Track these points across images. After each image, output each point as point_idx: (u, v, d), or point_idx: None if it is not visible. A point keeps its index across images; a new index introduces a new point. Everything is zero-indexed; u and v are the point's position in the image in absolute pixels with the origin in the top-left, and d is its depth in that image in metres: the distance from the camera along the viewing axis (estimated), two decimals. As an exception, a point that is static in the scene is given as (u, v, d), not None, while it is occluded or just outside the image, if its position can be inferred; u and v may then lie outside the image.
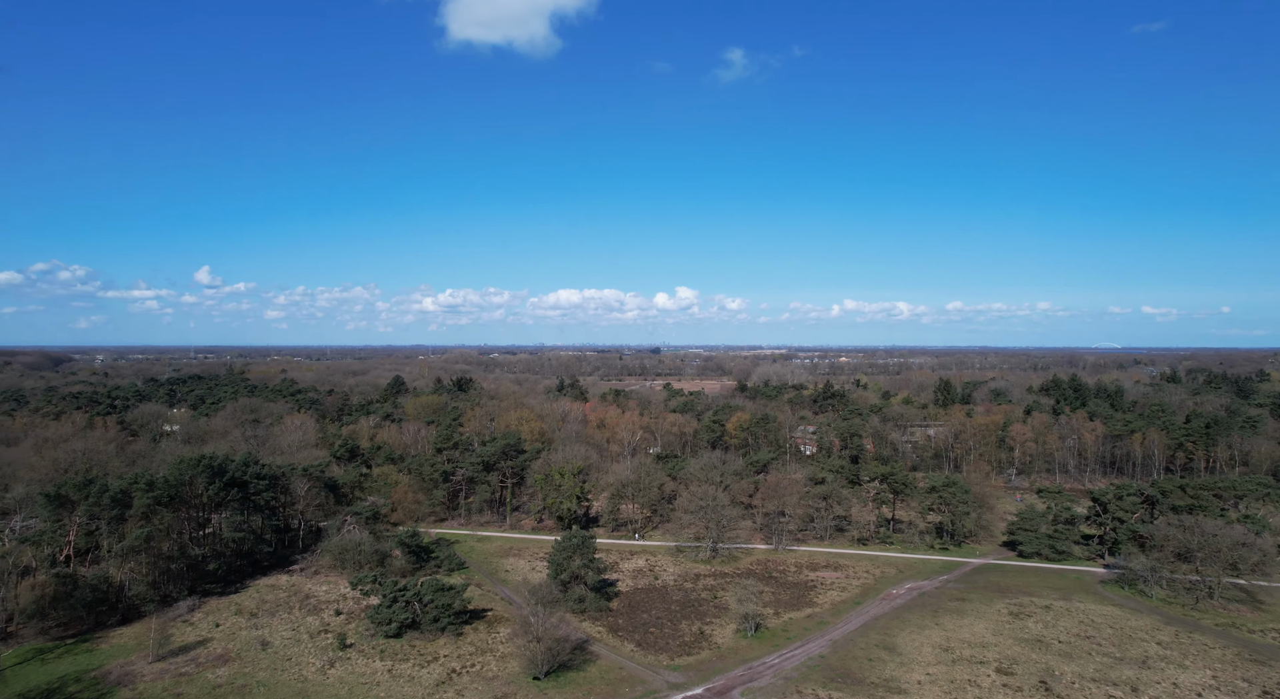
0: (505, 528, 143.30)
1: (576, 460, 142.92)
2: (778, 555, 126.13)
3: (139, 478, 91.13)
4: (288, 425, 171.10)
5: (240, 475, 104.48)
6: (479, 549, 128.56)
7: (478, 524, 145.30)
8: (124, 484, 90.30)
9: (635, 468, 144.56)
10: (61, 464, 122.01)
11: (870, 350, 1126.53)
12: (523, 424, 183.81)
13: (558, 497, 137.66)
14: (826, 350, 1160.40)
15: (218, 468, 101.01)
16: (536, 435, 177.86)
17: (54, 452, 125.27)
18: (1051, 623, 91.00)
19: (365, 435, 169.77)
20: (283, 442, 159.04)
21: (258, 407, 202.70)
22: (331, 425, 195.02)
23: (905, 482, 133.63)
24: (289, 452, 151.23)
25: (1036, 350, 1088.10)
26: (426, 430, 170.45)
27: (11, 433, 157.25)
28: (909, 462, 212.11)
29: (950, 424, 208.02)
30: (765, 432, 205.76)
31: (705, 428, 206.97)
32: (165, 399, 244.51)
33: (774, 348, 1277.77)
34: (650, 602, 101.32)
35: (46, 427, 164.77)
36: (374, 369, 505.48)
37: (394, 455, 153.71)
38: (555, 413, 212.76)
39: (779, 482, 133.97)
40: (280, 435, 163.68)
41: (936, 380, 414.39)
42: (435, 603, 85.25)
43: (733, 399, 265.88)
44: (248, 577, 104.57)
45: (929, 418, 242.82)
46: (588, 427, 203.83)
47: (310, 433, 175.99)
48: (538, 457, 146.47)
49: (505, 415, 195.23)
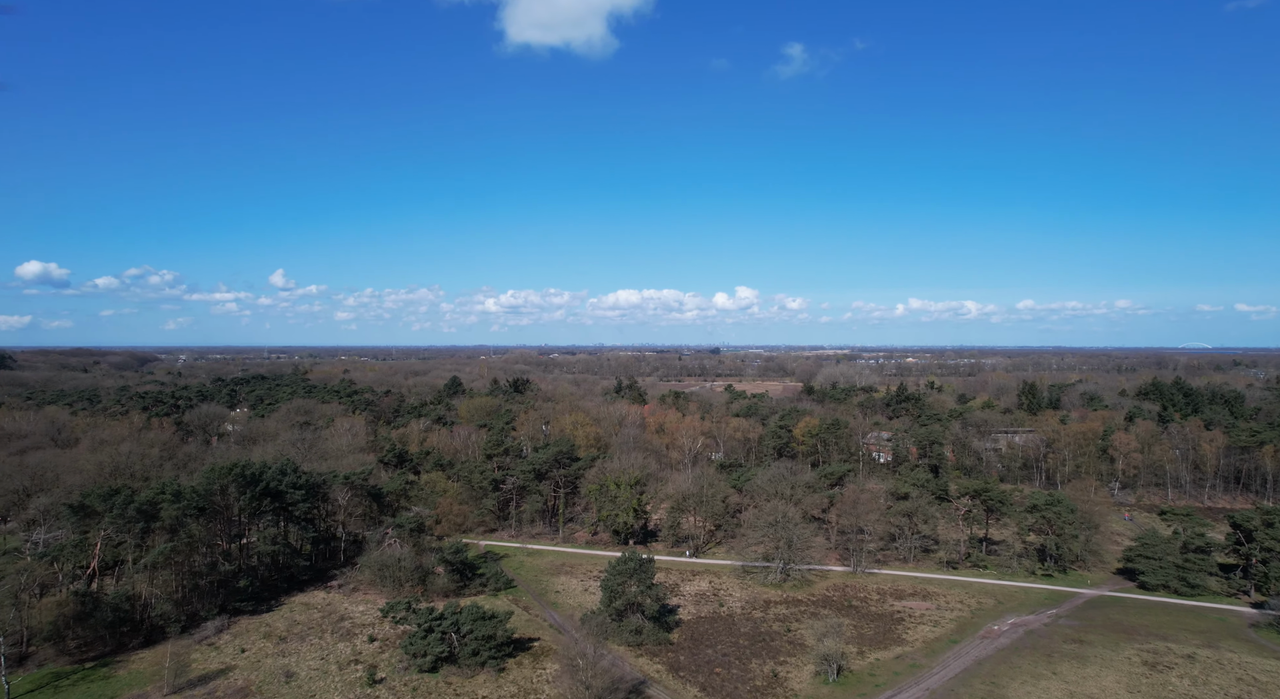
0: (557, 541, 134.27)
1: (634, 470, 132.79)
2: (856, 579, 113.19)
3: (166, 487, 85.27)
4: (338, 428, 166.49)
5: (276, 485, 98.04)
6: (528, 565, 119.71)
7: (528, 536, 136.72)
8: (151, 494, 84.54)
9: (697, 478, 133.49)
10: (106, 468, 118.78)
11: (937, 350, 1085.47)
12: (577, 429, 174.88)
13: (613, 509, 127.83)
14: (891, 351, 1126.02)
15: (251, 477, 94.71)
16: (592, 441, 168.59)
17: (98, 455, 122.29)
18: (1201, 679, 75.69)
19: (415, 439, 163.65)
20: (331, 445, 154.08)
21: (311, 408, 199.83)
22: (384, 428, 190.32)
23: (1001, 498, 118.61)
24: (336, 456, 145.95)
25: (1117, 350, 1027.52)
26: (477, 435, 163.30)
27: (72, 434, 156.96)
28: (994, 472, 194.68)
29: (1041, 431, 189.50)
30: (836, 438, 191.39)
31: (771, 433, 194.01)
32: (226, 400, 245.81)
33: (836, 348, 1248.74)
34: (715, 634, 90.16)
35: (105, 427, 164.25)
36: (435, 369, 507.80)
37: (443, 461, 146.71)
38: (612, 416, 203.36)
39: (857, 497, 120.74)
40: (329, 438, 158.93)
41: (1018, 383, 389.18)
42: (475, 634, 76.18)
43: (799, 403, 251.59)
44: (282, 593, 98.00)
45: (1015, 424, 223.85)
46: (646, 431, 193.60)
47: (360, 436, 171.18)
48: (592, 465, 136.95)
49: (560, 419, 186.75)
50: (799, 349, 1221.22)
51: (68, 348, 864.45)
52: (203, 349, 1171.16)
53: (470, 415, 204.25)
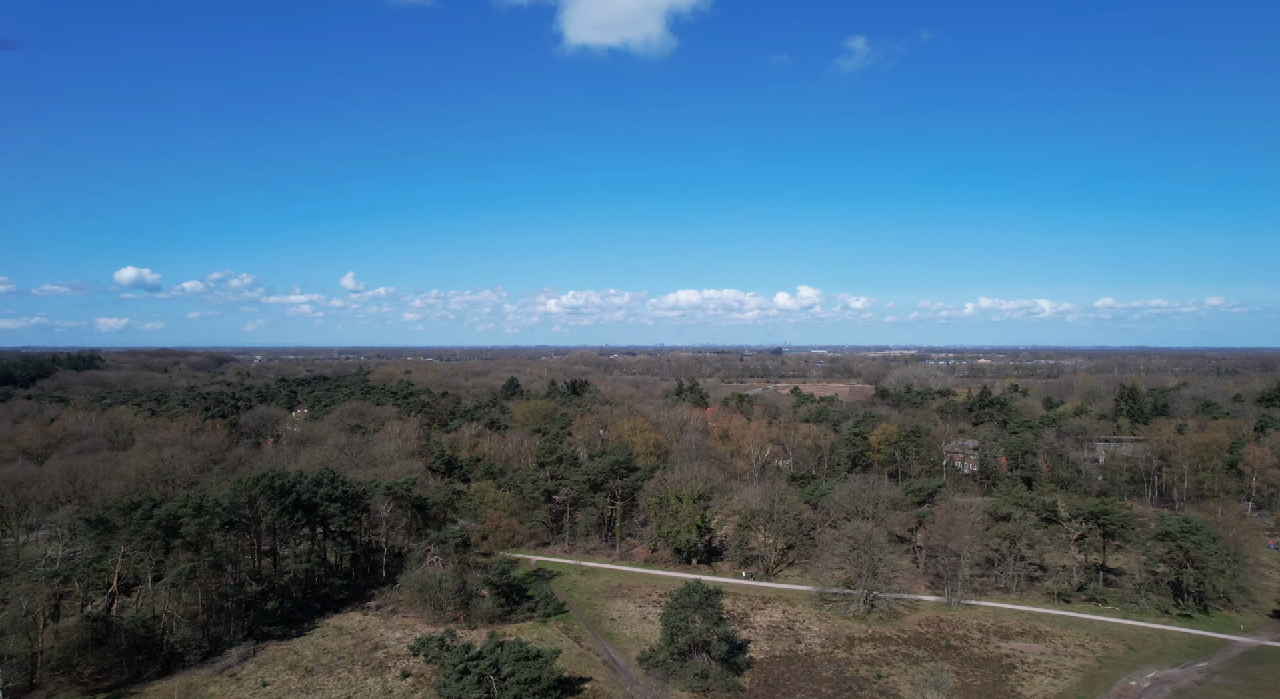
0: (614, 557, 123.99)
1: (697, 482, 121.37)
2: (952, 612, 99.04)
3: (189, 500, 78.57)
4: (388, 431, 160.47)
5: (309, 497, 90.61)
6: (582, 586, 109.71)
7: (583, 551, 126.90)
8: (173, 507, 77.93)
9: (766, 492, 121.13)
10: (148, 473, 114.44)
11: (1010, 351, 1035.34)
12: (636, 435, 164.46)
13: (675, 525, 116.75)
14: (961, 351, 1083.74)
15: (282, 488, 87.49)
16: (651, 448, 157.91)
17: (141, 460, 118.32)
18: None
19: (466, 445, 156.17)
20: (380, 450, 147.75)
21: (365, 410, 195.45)
22: (436, 432, 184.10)
23: (1124, 522, 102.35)
24: (384, 461, 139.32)
25: (1211, 351, 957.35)
26: (530, 440, 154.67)
27: (130, 436, 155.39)
28: (1095, 486, 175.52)
29: (1153, 441, 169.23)
30: (916, 447, 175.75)
31: (844, 441, 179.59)
32: (285, 401, 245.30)
33: (902, 348, 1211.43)
34: (793, 679, 78.04)
35: (161, 429, 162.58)
36: (495, 370, 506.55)
37: (493, 469, 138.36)
38: (673, 421, 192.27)
39: (951, 517, 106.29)
40: (378, 442, 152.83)
41: (1110, 386, 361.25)
42: (517, 677, 66.25)
43: (874, 407, 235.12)
44: (316, 614, 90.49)
45: (1117, 432, 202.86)
46: (709, 437, 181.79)
47: (411, 440, 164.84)
48: (652, 475, 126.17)
49: (617, 424, 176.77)
50: (863, 350, 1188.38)
51: (154, 348, 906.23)
52: (277, 349, 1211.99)
53: (525, 419, 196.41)
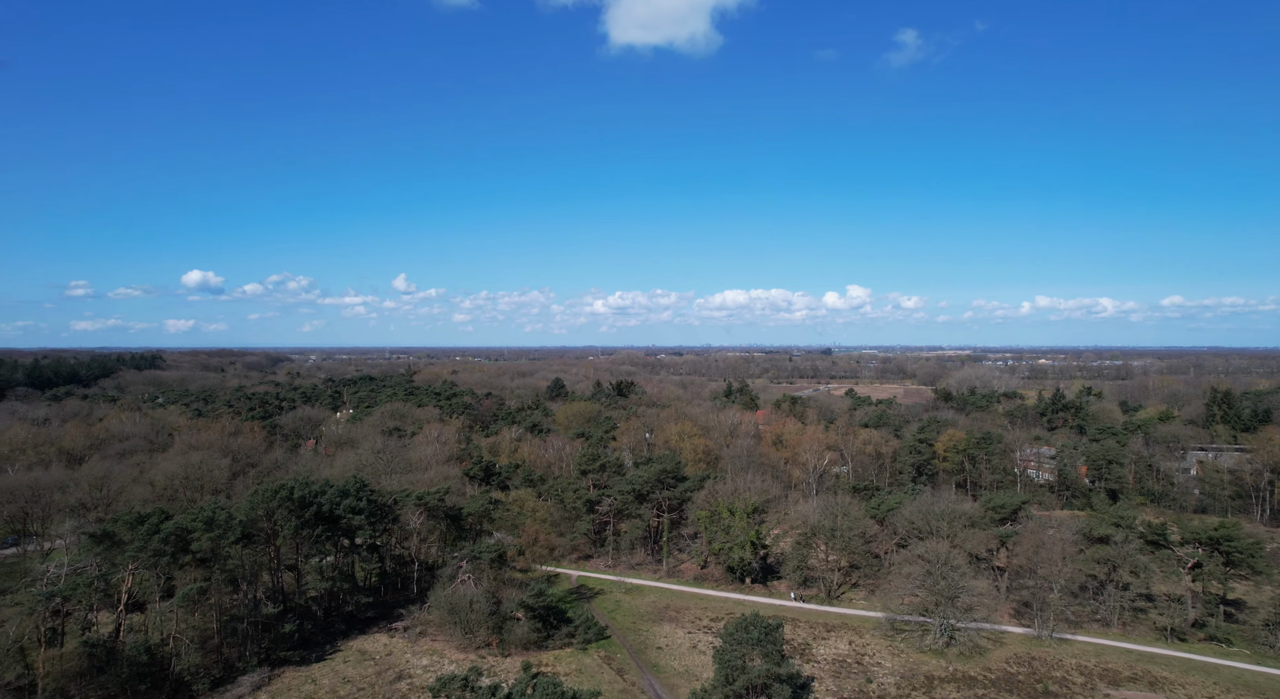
0: (661, 574, 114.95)
1: (750, 494, 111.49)
2: (1044, 648, 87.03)
3: (201, 513, 72.53)
4: (426, 435, 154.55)
5: (332, 509, 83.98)
6: (626, 606, 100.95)
7: (627, 566, 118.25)
8: (184, 520, 71.96)
9: (827, 506, 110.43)
10: (176, 478, 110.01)
11: (1071, 351, 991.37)
12: (684, 440, 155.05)
13: (727, 541, 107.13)
14: (1019, 351, 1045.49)
15: (302, 499, 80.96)
16: (701, 454, 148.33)
17: (169, 464, 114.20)
18: None
19: (506, 450, 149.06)
20: (417, 454, 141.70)
21: (405, 412, 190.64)
22: (476, 435, 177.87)
23: (1253, 550, 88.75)
24: (421, 467, 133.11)
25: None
26: (572, 446, 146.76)
27: (163, 440, 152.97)
28: (1191, 501, 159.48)
29: (1263, 453, 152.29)
30: (988, 455, 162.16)
31: (908, 448, 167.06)
32: (329, 402, 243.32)
33: (956, 348, 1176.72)
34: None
35: (201, 431, 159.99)
36: (541, 370, 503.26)
37: (532, 476, 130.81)
38: (722, 425, 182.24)
39: (1039, 538, 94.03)
40: (416, 446, 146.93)
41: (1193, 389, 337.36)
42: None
43: (937, 411, 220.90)
44: (339, 635, 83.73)
45: (1214, 440, 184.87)
46: (762, 443, 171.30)
47: (451, 444, 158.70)
48: (702, 486, 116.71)
49: (664, 428, 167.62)
50: (915, 350, 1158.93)
51: (214, 348, 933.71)
52: (332, 350, 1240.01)
53: (568, 422, 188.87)
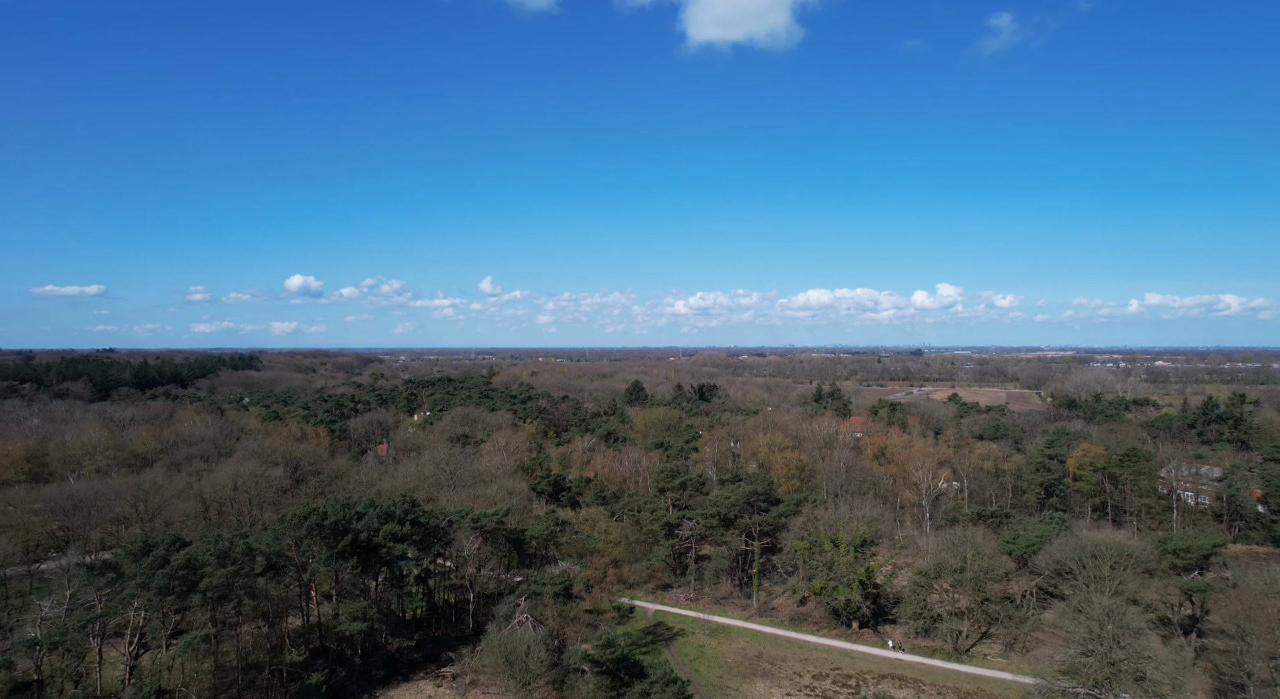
0: (751, 611, 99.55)
1: (859, 522, 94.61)
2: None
3: (218, 542, 62.68)
4: (493, 443, 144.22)
5: (370, 537, 73.01)
6: (711, 653, 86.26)
7: (712, 600, 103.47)
8: (198, 551, 62.23)
9: (952, 541, 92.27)
10: (224, 490, 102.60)
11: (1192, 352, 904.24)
12: (774, 453, 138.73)
13: (830, 578, 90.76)
14: (1129, 352, 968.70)
15: (335, 526, 70.22)
16: (794, 469, 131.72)
17: (215, 476, 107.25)
18: None
19: (578, 461, 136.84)
20: (484, 464, 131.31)
21: (476, 417, 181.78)
22: (549, 443, 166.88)
23: None
24: (486, 479, 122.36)
25: None
26: (650, 458, 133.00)
27: (228, 445, 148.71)
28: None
29: None
30: (1134, 475, 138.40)
31: (1035, 465, 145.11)
32: (405, 404, 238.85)
33: (1056, 349, 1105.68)
34: None
35: (267, 435, 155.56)
36: (621, 372, 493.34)
37: (605, 493, 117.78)
38: (816, 436, 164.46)
39: (1259, 601, 73.12)
40: (482, 456, 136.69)
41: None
42: None
43: (1061, 421, 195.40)
44: (377, 684, 72.64)
45: None
46: (862, 456, 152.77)
47: (522, 452, 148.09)
48: (798, 511, 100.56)
49: (752, 438, 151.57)
50: (1012, 351, 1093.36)
51: (310, 349, 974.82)
52: (421, 350, 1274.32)
53: (645, 429, 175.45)
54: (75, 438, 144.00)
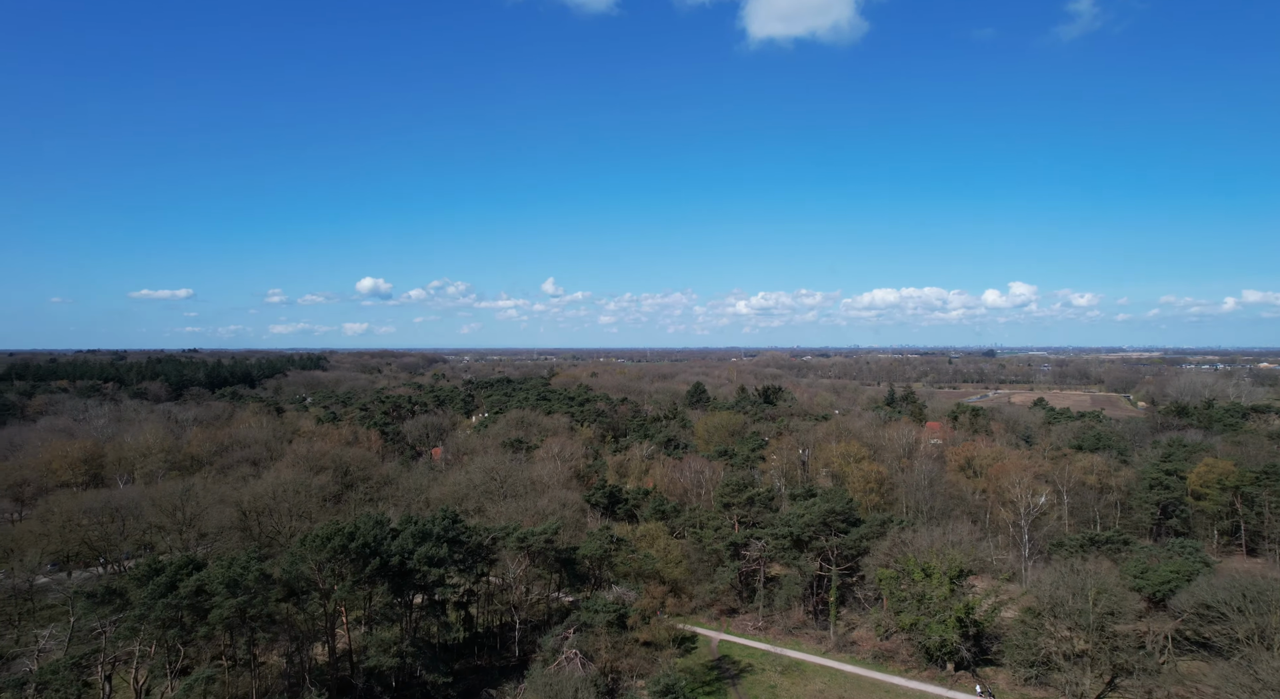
0: (828, 646, 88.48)
1: (952, 548, 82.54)
2: None
3: (230, 568, 56.10)
4: (547, 449, 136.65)
5: (403, 561, 65.55)
6: (784, 695, 75.83)
7: (783, 630, 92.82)
8: (208, 577, 55.79)
9: (1066, 575, 79.13)
10: (263, 499, 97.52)
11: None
12: (849, 464, 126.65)
13: (921, 613, 79.10)
14: (1225, 353, 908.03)
15: (362, 549, 62.94)
16: (871, 483, 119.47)
17: (253, 485, 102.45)
18: None
19: (635, 470, 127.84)
20: (537, 471, 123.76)
21: (532, 420, 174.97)
22: (606, 449, 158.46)
23: None
24: (538, 489, 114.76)
25: None
26: (713, 467, 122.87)
27: (280, 448, 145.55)
28: None
29: None
30: (1273, 495, 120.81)
31: (1148, 481, 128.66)
32: (461, 406, 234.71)
33: (1140, 350, 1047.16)
34: None
35: (318, 438, 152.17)
36: (682, 373, 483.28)
37: (665, 506, 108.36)
38: (894, 444, 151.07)
39: None
40: (535, 463, 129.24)
41: None
42: None
43: (1178, 431, 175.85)
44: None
45: None
46: (946, 467, 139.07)
47: (577, 459, 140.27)
48: (882, 533, 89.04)
49: (824, 448, 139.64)
50: (1090, 351, 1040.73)
51: (378, 349, 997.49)
52: (485, 351, 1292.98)
53: (708, 435, 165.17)
54: (134, 439, 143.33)
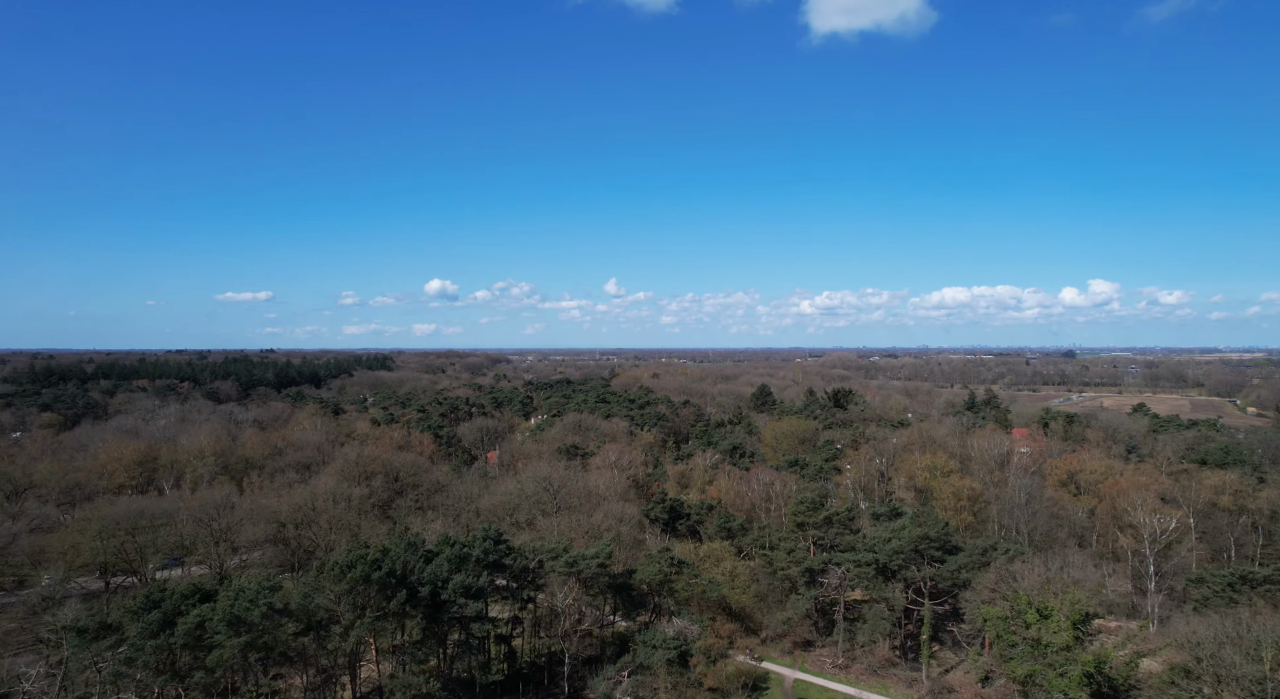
0: (922, 693, 76.87)
1: (1074, 586, 69.90)
2: None
3: (235, 603, 49.29)
4: (603, 456, 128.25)
5: (435, 591, 57.70)
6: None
7: (867, 669, 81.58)
8: (221, 608, 49.14)
9: (1225, 628, 65.50)
10: (303, 511, 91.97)
11: None
12: (936, 478, 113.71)
13: (1038, 662, 66.83)
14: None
15: (387, 577, 55.32)
16: (963, 501, 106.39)
17: (293, 495, 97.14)
18: None
19: (698, 481, 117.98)
20: (593, 480, 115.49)
21: (590, 424, 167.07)
22: (667, 456, 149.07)
23: None
24: (593, 501, 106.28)
25: None
26: (783, 480, 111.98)
27: (329, 452, 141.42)
28: None
29: None
30: None
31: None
32: (519, 408, 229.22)
33: (1238, 350, 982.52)
34: None
35: (371, 442, 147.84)
36: (745, 374, 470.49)
37: (731, 523, 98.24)
38: (983, 455, 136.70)
39: None
40: (591, 472, 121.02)
41: None
42: None
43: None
44: (442, 780, 57.27)
45: None
46: (1046, 482, 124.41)
47: (636, 467, 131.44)
48: (985, 564, 76.88)
49: (906, 459, 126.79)
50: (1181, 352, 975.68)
51: (442, 350, 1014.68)
52: (548, 351, 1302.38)
53: (776, 442, 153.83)
54: (189, 441, 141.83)
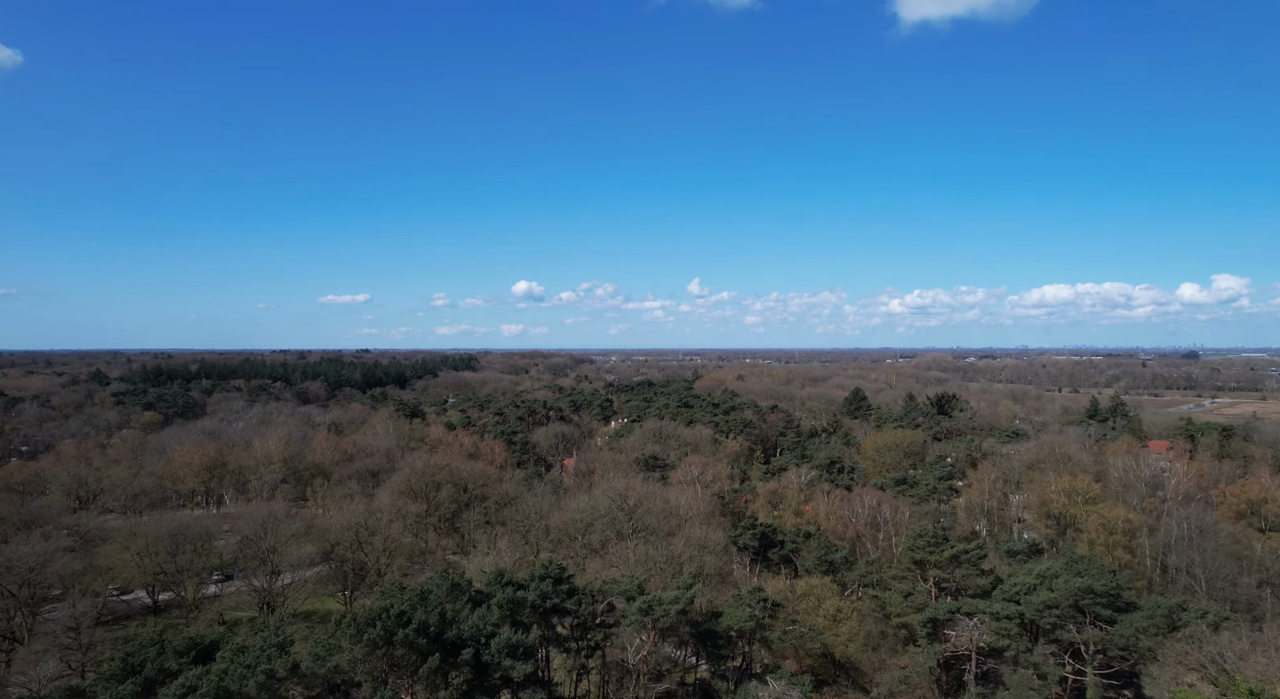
0: (1082, 785, 61.31)
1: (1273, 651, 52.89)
2: None
3: (230, 669, 40.40)
4: (685, 471, 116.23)
5: (479, 650, 47.36)
6: None
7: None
8: (215, 673, 40.39)
9: None
10: (360, 531, 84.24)
11: None
12: (1076, 507, 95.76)
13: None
14: None
15: (416, 635, 45.27)
16: (1118, 536, 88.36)
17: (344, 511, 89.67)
18: None
19: (792, 502, 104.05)
20: (671, 496, 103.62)
21: (670, 432, 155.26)
22: (755, 468, 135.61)
23: None
24: (676, 521, 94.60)
25: None
26: (892, 504, 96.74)
27: (399, 459, 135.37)
28: None
29: None
30: None
31: None
32: (599, 412, 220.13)
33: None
34: None
35: (442, 448, 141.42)
36: (835, 375, 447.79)
37: (833, 554, 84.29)
38: (1125, 474, 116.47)
39: None
40: (671, 488, 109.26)
41: None
42: None
43: None
44: None
45: None
46: (1216, 512, 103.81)
47: (721, 482, 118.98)
48: (1172, 627, 60.31)
49: (1037, 480, 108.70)
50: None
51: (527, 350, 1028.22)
52: (632, 351, 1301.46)
53: (877, 455, 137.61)
54: (260, 446, 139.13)
